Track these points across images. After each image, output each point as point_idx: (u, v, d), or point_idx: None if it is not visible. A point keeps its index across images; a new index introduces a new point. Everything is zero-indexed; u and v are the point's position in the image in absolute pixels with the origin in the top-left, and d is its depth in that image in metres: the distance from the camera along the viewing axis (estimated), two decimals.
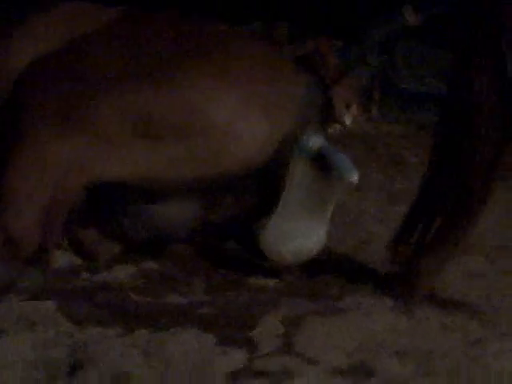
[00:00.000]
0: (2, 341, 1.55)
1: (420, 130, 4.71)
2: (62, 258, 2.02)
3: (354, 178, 1.91)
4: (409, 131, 4.61)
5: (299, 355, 1.63)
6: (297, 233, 1.97)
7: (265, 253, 1.98)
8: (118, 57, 1.84)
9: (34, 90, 1.84)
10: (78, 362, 1.50)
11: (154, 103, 1.80)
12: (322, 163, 1.92)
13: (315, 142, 1.93)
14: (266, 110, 1.89)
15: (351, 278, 2.10)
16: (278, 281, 2.01)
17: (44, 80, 1.83)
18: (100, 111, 1.78)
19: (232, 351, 1.61)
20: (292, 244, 1.97)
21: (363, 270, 2.19)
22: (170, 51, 1.86)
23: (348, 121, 2.08)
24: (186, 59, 1.85)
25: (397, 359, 1.63)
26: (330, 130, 2.08)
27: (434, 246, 1.94)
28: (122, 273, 1.98)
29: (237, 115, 1.85)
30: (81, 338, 1.59)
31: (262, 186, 2.01)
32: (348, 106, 2.07)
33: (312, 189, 1.95)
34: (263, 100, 1.89)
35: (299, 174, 1.93)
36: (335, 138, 2.24)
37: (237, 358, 1.59)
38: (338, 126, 2.09)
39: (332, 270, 2.15)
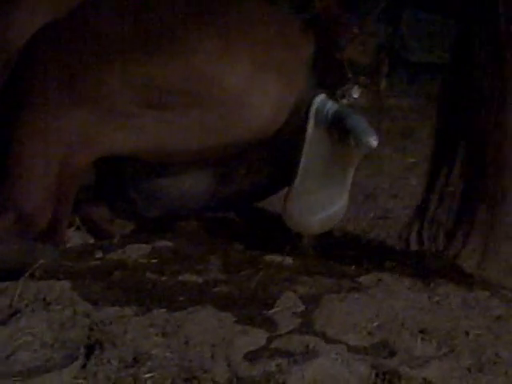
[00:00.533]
0: (18, 321, 1.52)
1: (429, 102, 4.64)
2: (75, 237, 1.99)
3: (373, 141, 1.86)
4: (418, 104, 4.54)
5: (319, 334, 1.60)
6: (320, 203, 1.92)
7: (289, 225, 1.95)
8: (125, 22, 1.78)
9: (38, 60, 1.79)
10: (96, 342, 1.47)
11: (162, 71, 1.75)
12: (338, 128, 1.86)
13: (331, 105, 1.88)
14: (280, 74, 1.85)
15: (368, 255, 2.06)
16: (294, 258, 1.98)
17: (48, 50, 1.78)
18: (106, 81, 1.73)
19: (251, 330, 1.59)
20: (316, 215, 1.93)
21: (380, 247, 2.16)
22: (178, 15, 1.80)
23: (356, 94, 2.03)
24: (196, 24, 1.80)
25: (419, 338, 1.60)
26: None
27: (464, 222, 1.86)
28: (136, 251, 1.95)
29: (250, 80, 1.81)
30: (98, 317, 1.56)
31: (276, 156, 1.97)
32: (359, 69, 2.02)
33: (330, 155, 1.90)
34: (276, 63, 1.85)
35: (316, 140, 1.88)
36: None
37: (256, 337, 1.57)
38: (345, 101, 2.04)
39: (349, 247, 2.12)
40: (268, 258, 1.98)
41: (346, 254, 2.07)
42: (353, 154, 1.89)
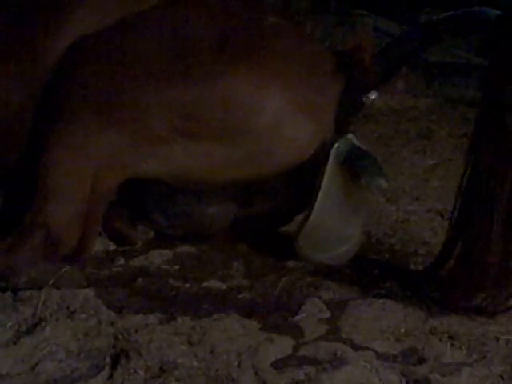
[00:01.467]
0: (43, 330, 1.51)
1: (447, 102, 4.61)
2: (97, 244, 1.97)
3: (383, 184, 1.87)
4: (436, 104, 4.51)
5: (346, 341, 1.58)
6: (331, 241, 1.94)
7: (301, 257, 1.95)
8: (163, 46, 1.75)
9: (76, 78, 1.75)
10: (121, 351, 1.46)
11: (197, 101, 1.73)
12: (352, 168, 1.88)
13: (344, 145, 1.88)
14: (310, 111, 1.84)
15: (392, 259, 2.05)
16: (317, 264, 1.95)
17: (83, 70, 1.75)
18: (142, 107, 1.71)
19: (277, 338, 1.56)
20: (326, 253, 1.94)
21: (404, 250, 2.13)
22: (216, 45, 1.77)
23: (373, 96, 2.01)
24: (233, 55, 1.77)
25: (448, 344, 1.58)
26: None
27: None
28: (159, 258, 1.94)
29: (282, 116, 1.79)
30: (122, 326, 1.55)
31: (296, 185, 1.97)
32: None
33: (345, 192, 1.90)
34: (307, 100, 1.83)
35: (332, 177, 1.88)
36: (362, 113, 2.18)
37: (283, 344, 1.54)
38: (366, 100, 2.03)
39: (372, 252, 2.10)
40: (291, 263, 1.96)
41: (369, 258, 2.05)
42: (364, 193, 1.92)
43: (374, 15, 4.70)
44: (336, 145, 1.86)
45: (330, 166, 1.86)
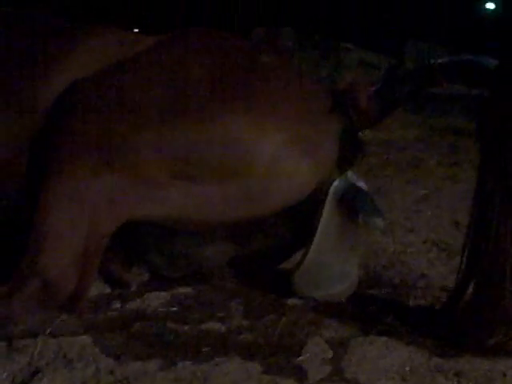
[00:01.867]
0: (40, 381, 1.46)
1: (434, 131, 4.66)
2: (92, 288, 1.93)
3: (380, 223, 1.88)
4: (423, 134, 4.55)
5: (351, 381, 1.55)
6: (327, 280, 1.92)
7: (299, 295, 1.93)
8: (158, 88, 1.74)
9: (71, 121, 1.73)
10: None
11: (194, 143, 1.71)
12: (349, 206, 1.87)
13: (342, 183, 1.88)
14: (308, 150, 1.82)
15: (392, 294, 2.02)
16: (317, 300, 1.92)
17: (81, 111, 1.73)
18: (138, 150, 1.69)
19: (281, 381, 1.53)
20: (325, 289, 1.92)
21: (403, 284, 2.11)
22: (211, 86, 1.76)
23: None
24: (229, 95, 1.76)
25: (455, 381, 1.55)
26: None
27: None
28: (156, 300, 1.90)
29: (280, 155, 1.77)
30: (121, 374, 1.51)
31: (294, 223, 1.96)
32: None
33: (342, 231, 1.90)
34: (305, 139, 1.82)
35: (330, 215, 1.87)
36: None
37: None
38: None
39: (371, 286, 2.07)
40: (291, 300, 1.93)
41: (368, 293, 2.02)
42: (361, 231, 1.93)
43: (359, 48, 4.75)
44: (335, 183, 1.85)
45: (328, 203, 1.85)
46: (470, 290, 1.73)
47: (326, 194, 1.85)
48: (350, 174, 1.90)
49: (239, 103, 1.75)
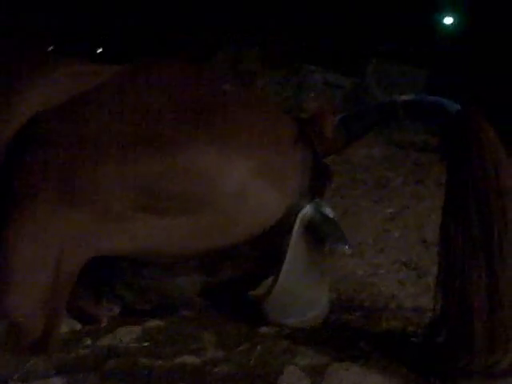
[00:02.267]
0: None
1: (400, 149, 4.71)
2: (62, 325, 1.89)
3: (345, 248, 1.87)
4: (388, 152, 4.60)
5: None
6: (297, 307, 1.92)
7: (269, 323, 1.92)
8: (119, 121, 1.71)
9: (30, 157, 1.70)
10: None
11: (159, 176, 1.69)
12: (315, 234, 1.87)
13: (308, 211, 1.88)
14: (274, 180, 1.82)
15: (364, 317, 2.02)
16: (291, 327, 1.91)
17: (41, 146, 1.69)
18: (102, 184, 1.66)
19: None
20: (296, 316, 1.92)
21: (374, 306, 2.11)
22: (176, 119, 1.74)
23: None
24: (191, 125, 1.74)
25: None
26: None
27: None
28: (127, 335, 1.87)
29: (246, 185, 1.76)
30: None
31: (260, 254, 1.95)
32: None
33: (310, 258, 1.89)
34: (270, 169, 1.81)
35: (297, 243, 1.87)
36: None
37: None
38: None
39: (343, 310, 2.07)
40: (264, 329, 1.92)
41: (341, 317, 2.02)
42: (328, 258, 1.91)
43: (323, 69, 4.80)
44: (303, 211, 1.86)
45: (296, 231, 1.85)
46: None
47: (294, 222, 1.85)
48: (319, 201, 1.91)
49: (202, 133, 1.73)
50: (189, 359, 1.75)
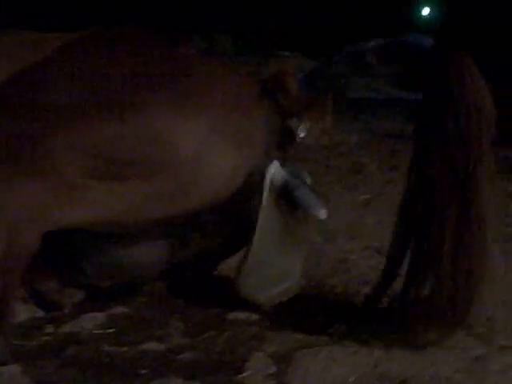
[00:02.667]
0: None
1: (374, 136, 4.69)
2: (22, 311, 1.83)
3: (322, 215, 1.80)
4: (364, 139, 4.57)
5: None
6: (271, 278, 1.85)
7: (241, 297, 1.85)
8: (72, 86, 1.64)
9: None
10: None
11: (112, 139, 1.61)
12: (288, 199, 1.80)
13: (279, 175, 1.81)
14: (234, 139, 1.75)
15: (334, 303, 1.99)
16: (260, 313, 1.87)
17: None
18: (52, 152, 1.58)
19: None
20: (267, 291, 1.85)
21: (345, 292, 2.08)
22: (128, 79, 1.67)
23: (302, 134, 1.98)
24: (146, 87, 1.67)
25: None
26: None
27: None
28: (90, 322, 1.81)
29: (205, 145, 1.70)
30: None
31: (231, 221, 1.89)
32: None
33: (283, 226, 1.82)
34: (231, 128, 1.75)
35: (268, 210, 1.80)
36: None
37: None
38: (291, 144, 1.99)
39: (314, 295, 2.03)
40: (231, 315, 1.88)
41: (311, 303, 1.98)
42: (303, 226, 1.84)
43: (297, 55, 4.76)
44: (270, 174, 1.79)
45: (266, 197, 1.78)
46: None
47: (261, 187, 1.78)
48: (289, 167, 1.84)
49: (158, 96, 1.66)
50: (153, 346, 1.70)
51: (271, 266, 1.85)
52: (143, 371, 1.58)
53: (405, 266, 1.80)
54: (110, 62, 1.70)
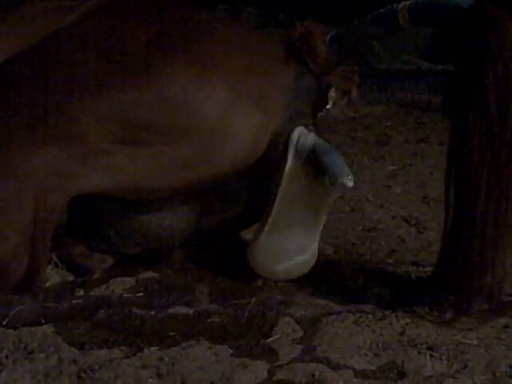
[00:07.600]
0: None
1: (401, 108, 4.63)
2: (53, 276, 1.87)
3: (349, 182, 1.74)
4: (390, 110, 4.52)
5: (323, 360, 1.51)
6: (287, 251, 1.82)
7: (256, 270, 1.85)
8: (93, 54, 1.66)
9: (5, 96, 1.65)
10: None
11: (134, 104, 1.63)
12: (314, 164, 1.76)
13: (308, 140, 1.78)
14: (257, 102, 1.74)
15: (362, 270, 1.99)
16: (287, 280, 1.88)
17: (16, 85, 1.65)
18: (78, 119, 1.61)
19: (251, 363, 1.49)
20: (281, 264, 1.83)
21: (373, 261, 2.08)
22: (150, 45, 1.68)
23: (329, 105, 1.96)
24: (169, 53, 1.68)
25: (427, 355, 1.52)
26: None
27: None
28: (120, 286, 1.84)
29: (227, 109, 1.70)
30: (85, 363, 1.45)
31: (256, 187, 1.88)
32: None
33: (306, 194, 1.79)
34: (253, 91, 1.74)
35: (293, 176, 1.78)
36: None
37: (257, 369, 1.46)
38: (319, 113, 1.97)
39: (341, 263, 2.04)
40: (259, 281, 1.89)
41: (339, 270, 1.99)
42: (327, 193, 1.79)
43: (324, 25, 4.69)
44: (295, 139, 1.76)
45: (290, 163, 1.76)
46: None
47: (286, 153, 1.77)
48: (312, 128, 1.81)
49: (180, 59, 1.67)
50: (181, 310, 1.72)
51: (287, 237, 1.82)
52: (172, 334, 1.60)
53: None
54: (132, 28, 1.71)
